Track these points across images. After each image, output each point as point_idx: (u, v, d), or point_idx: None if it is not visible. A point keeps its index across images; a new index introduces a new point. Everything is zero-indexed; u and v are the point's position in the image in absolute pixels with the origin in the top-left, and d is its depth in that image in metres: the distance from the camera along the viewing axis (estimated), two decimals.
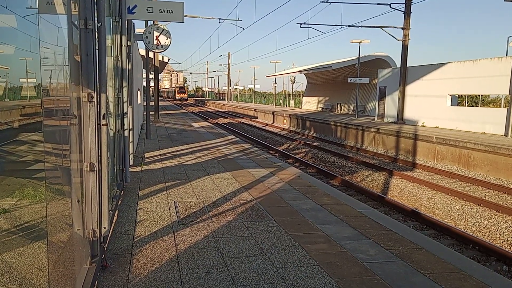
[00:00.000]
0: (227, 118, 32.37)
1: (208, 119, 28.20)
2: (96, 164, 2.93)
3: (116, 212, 4.55)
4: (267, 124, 27.70)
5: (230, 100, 60.91)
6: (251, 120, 31.59)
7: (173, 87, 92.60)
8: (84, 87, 2.87)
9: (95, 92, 2.91)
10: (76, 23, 2.88)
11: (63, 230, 3.17)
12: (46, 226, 2.38)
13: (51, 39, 2.65)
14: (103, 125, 3.04)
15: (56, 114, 2.68)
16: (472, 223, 6.93)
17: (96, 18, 2.99)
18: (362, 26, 19.81)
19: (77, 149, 2.93)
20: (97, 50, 3.01)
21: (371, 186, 9.73)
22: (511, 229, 6.51)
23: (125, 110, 5.84)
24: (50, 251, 2.84)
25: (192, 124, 19.35)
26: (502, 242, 6.15)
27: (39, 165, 4.39)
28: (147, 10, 5.91)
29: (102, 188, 3.05)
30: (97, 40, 3.01)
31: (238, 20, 20.25)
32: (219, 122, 27.03)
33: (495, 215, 7.18)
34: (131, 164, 7.34)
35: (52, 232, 3.06)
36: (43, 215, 3.83)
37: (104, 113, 3.03)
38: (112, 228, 4.03)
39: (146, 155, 9.09)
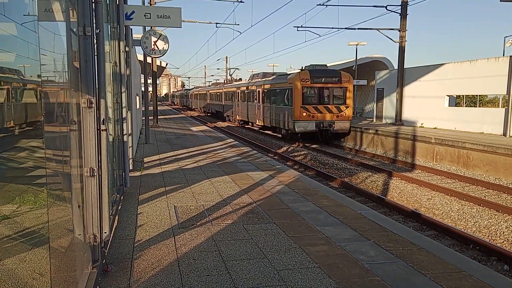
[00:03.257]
0: (225, 121, 32.38)
1: (207, 123, 28.20)
2: (96, 169, 2.95)
3: (117, 217, 4.56)
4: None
5: None
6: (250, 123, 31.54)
7: (277, 73, 20.77)
8: (83, 93, 2.89)
9: (95, 98, 2.94)
10: (75, 30, 2.91)
11: (64, 236, 3.18)
12: (48, 232, 2.39)
13: (50, 46, 2.68)
14: (102, 130, 3.06)
15: (56, 120, 2.70)
16: (472, 223, 6.94)
17: (94, 25, 3.02)
18: (359, 29, 19.94)
19: (77, 155, 2.95)
20: (96, 56, 3.04)
21: (370, 187, 9.74)
22: (511, 229, 6.53)
23: (124, 115, 5.87)
24: (52, 256, 2.85)
25: (191, 128, 19.37)
26: (503, 241, 6.16)
27: (39, 171, 4.40)
28: (144, 16, 5.96)
29: (102, 193, 3.07)
30: (95, 46, 3.04)
31: (235, 24, 20.36)
32: (218, 126, 27.04)
33: (495, 215, 7.20)
34: (130, 169, 7.35)
35: (53, 238, 3.07)
36: (43, 220, 3.83)
37: (103, 119, 3.06)
38: (112, 232, 4.04)
39: (146, 159, 9.10)
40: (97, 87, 3.01)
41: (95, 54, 3.04)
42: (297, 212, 4.98)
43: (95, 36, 3.04)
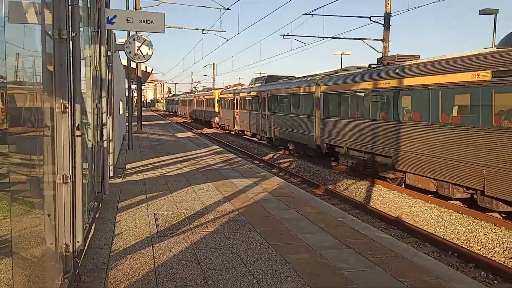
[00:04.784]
0: (212, 128, 32.26)
1: (193, 129, 28.01)
2: (69, 176, 2.85)
3: (93, 225, 4.42)
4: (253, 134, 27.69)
5: None
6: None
7: None
8: (57, 98, 2.81)
9: (69, 102, 2.86)
10: (50, 32, 2.84)
11: (35, 245, 3.05)
12: (11, 241, 2.29)
13: (21, 48, 2.60)
14: (77, 136, 2.97)
15: (26, 124, 2.61)
16: (451, 230, 7.07)
17: (70, 28, 2.95)
18: (343, 38, 20.30)
19: (50, 161, 2.85)
20: (71, 60, 2.97)
21: (353, 195, 9.82)
22: (489, 236, 6.68)
23: (104, 121, 5.75)
24: (21, 266, 2.73)
25: (176, 134, 19.18)
26: (480, 248, 6.28)
27: (12, 178, 4.25)
28: (127, 20, 5.89)
29: (76, 201, 2.97)
30: (71, 50, 2.97)
31: (222, 31, 20.42)
32: (204, 132, 26.89)
33: (473, 222, 7.36)
34: (111, 175, 7.19)
35: (23, 247, 2.94)
36: (15, 229, 3.67)
37: (78, 124, 2.97)
38: (88, 242, 3.91)
39: (128, 166, 8.92)
40: (72, 91, 2.93)
41: (71, 57, 2.97)
42: (279, 220, 4.95)
43: (71, 40, 2.97)
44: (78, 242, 3.03)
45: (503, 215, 7.50)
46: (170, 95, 79.45)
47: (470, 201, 8.12)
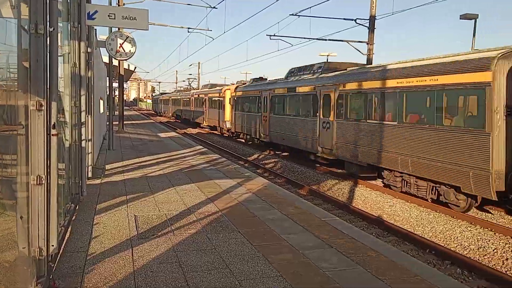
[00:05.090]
0: (196, 128, 31.97)
1: (176, 129, 27.67)
2: (44, 177, 2.74)
3: (70, 228, 4.28)
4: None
5: None
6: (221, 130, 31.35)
7: None
8: (32, 95, 2.70)
9: (45, 100, 2.75)
10: (26, 27, 2.73)
11: (7, 249, 2.93)
12: None
13: None
14: (53, 135, 2.86)
15: None
16: (429, 229, 7.26)
17: (48, 23, 2.84)
18: (329, 40, 20.50)
19: (24, 161, 2.73)
20: (48, 56, 2.85)
21: (337, 195, 9.93)
22: (464, 234, 6.89)
23: (83, 120, 5.58)
24: None
25: (159, 134, 18.90)
26: (456, 246, 6.47)
27: None
28: (108, 16, 5.73)
29: (50, 202, 2.86)
30: (48, 45, 2.86)
31: (208, 30, 20.26)
32: (188, 132, 26.61)
33: (450, 221, 7.58)
34: (89, 176, 6.99)
35: None
36: None
37: (54, 123, 2.87)
38: (64, 245, 3.77)
39: (108, 166, 8.71)
40: (48, 88, 2.82)
41: (48, 53, 2.86)
42: (263, 220, 4.94)
43: (48, 35, 2.86)
44: (53, 245, 2.92)
45: None
46: (155, 93, 76.23)
47: None
